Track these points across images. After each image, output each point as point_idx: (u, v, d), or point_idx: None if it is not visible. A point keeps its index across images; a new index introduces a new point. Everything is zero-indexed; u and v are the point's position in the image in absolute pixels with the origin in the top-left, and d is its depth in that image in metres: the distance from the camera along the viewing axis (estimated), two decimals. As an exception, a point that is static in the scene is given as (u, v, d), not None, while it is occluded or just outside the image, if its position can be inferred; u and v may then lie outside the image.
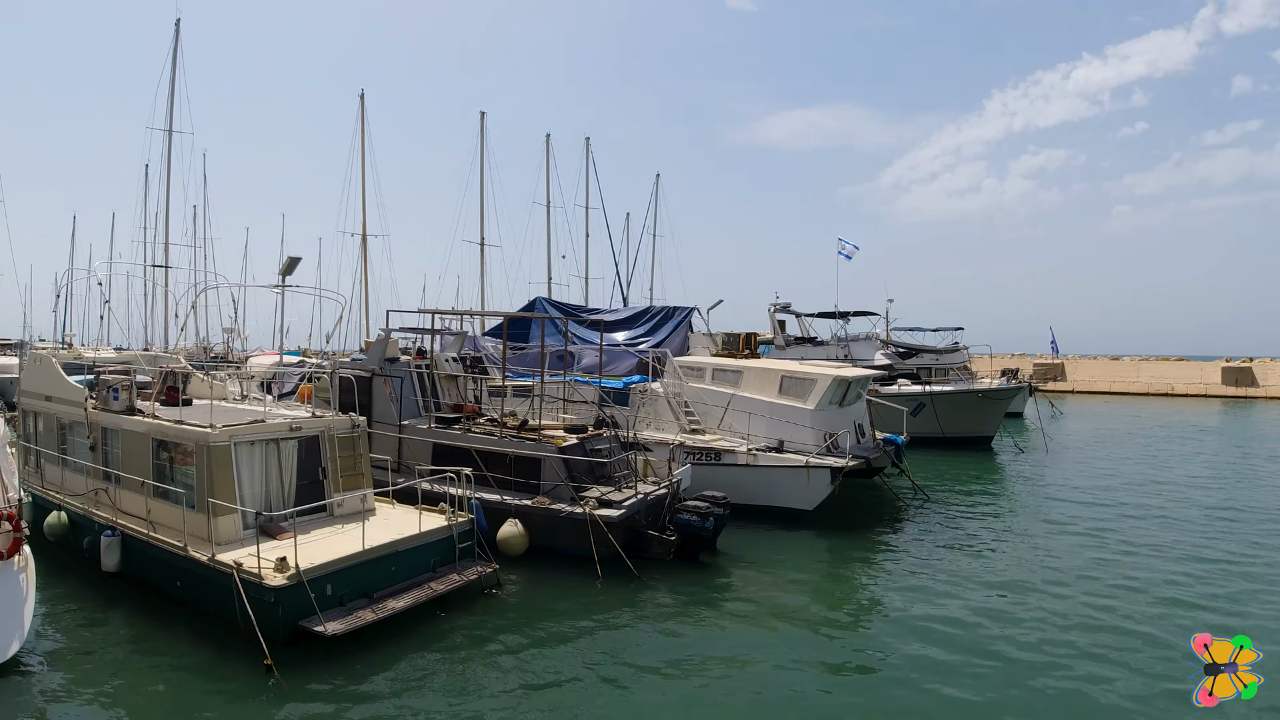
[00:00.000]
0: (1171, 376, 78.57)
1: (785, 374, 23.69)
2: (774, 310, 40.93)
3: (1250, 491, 26.96)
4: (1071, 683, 11.37)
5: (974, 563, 17.55)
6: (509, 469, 17.40)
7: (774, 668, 11.82)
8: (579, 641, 12.66)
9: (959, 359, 47.17)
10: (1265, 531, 20.91)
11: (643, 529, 16.74)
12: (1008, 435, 39.95)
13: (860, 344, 42.59)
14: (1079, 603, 14.77)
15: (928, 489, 25.61)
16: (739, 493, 20.29)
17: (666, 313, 32.10)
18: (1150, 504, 24.35)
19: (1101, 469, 31.60)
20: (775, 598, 15.19)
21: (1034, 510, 23.38)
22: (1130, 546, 19.01)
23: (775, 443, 22.01)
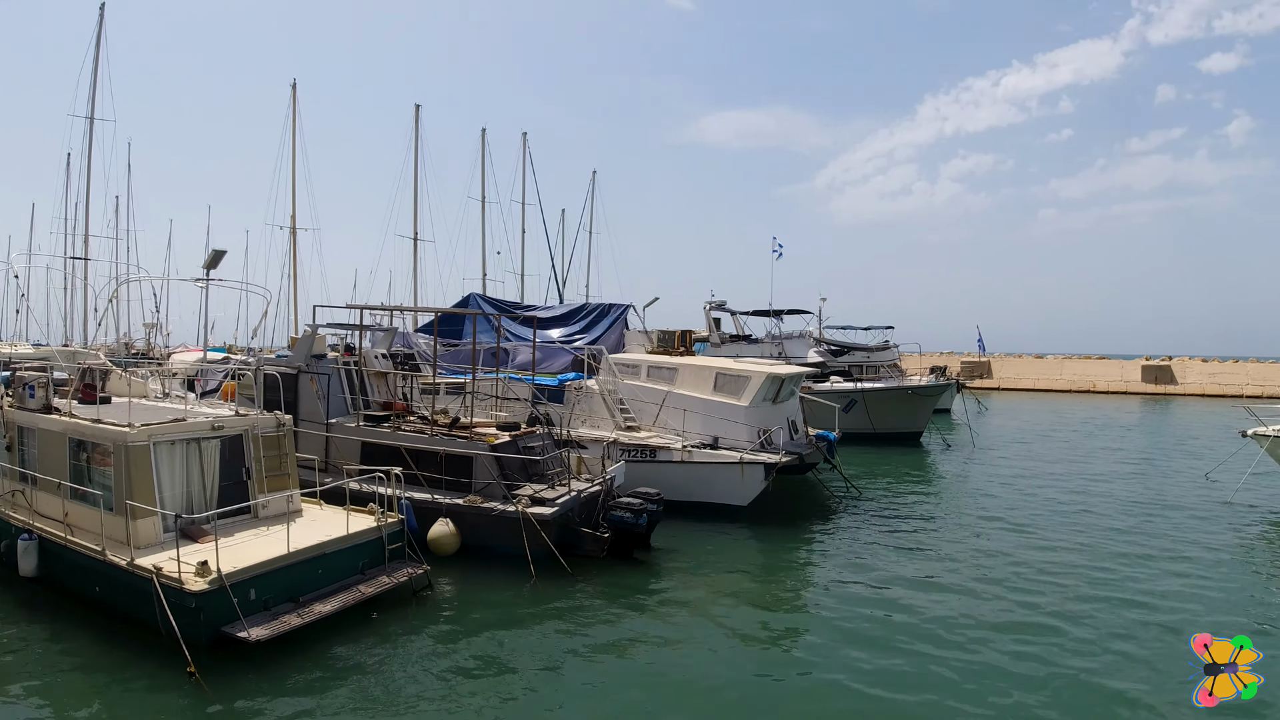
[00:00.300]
0: (1093, 374, 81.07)
1: (720, 371, 23.79)
2: (709, 308, 41.13)
3: (1168, 485, 27.92)
4: (998, 675, 11.58)
5: (904, 557, 17.83)
6: (440, 467, 17.14)
7: (708, 664, 11.83)
8: (512, 641, 12.51)
9: (889, 357, 48.05)
10: (1179, 523, 21.68)
11: (576, 526, 16.64)
12: (936, 431, 40.84)
13: (794, 342, 43.07)
14: (1006, 597, 15.08)
15: (859, 484, 25.97)
16: (674, 489, 20.32)
17: (602, 310, 31.99)
18: (1073, 498, 25.05)
19: (1026, 464, 32.42)
20: (709, 593, 15.24)
21: (961, 505, 23.87)
22: (1054, 540, 19.51)
23: (710, 439, 22.09)
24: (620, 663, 11.83)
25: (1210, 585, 16.05)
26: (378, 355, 21.85)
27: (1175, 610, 14.48)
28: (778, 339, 42.18)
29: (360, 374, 20.25)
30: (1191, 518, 22.44)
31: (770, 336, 42.61)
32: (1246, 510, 23.50)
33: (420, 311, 28.91)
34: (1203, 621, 13.79)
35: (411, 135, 48.09)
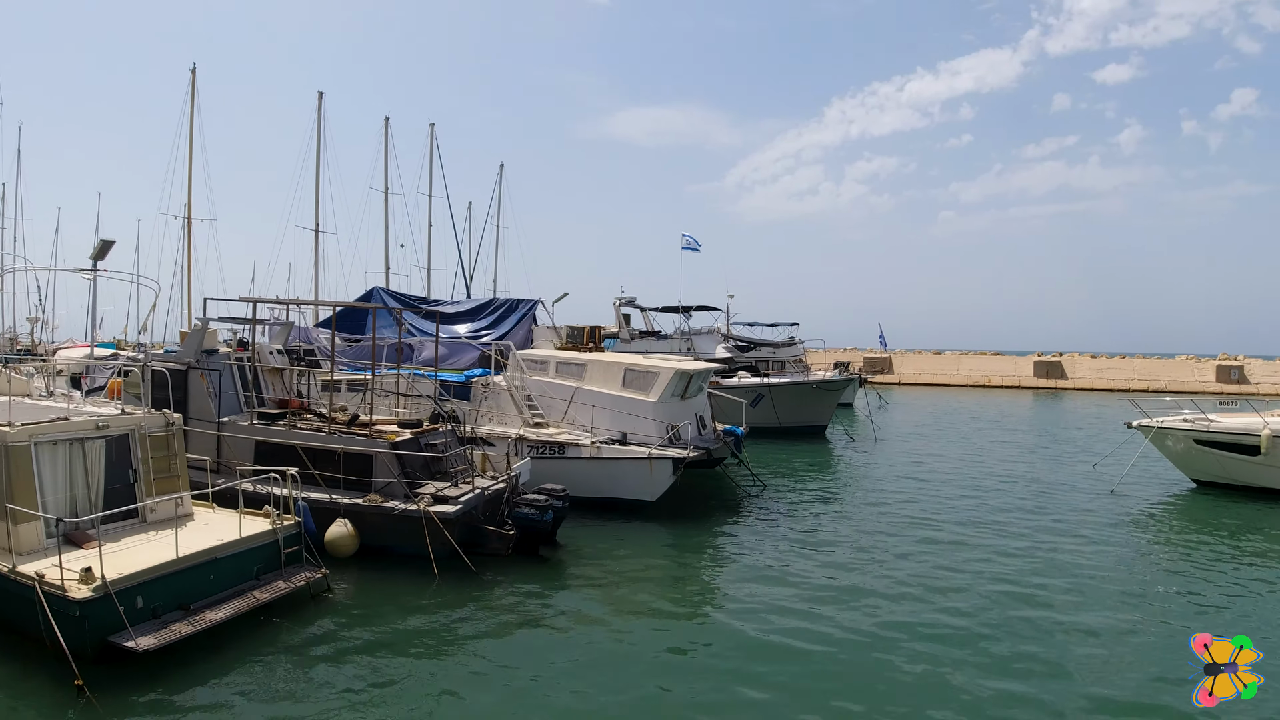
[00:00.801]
0: (989, 369, 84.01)
1: (629, 367, 23.83)
2: (619, 304, 41.20)
3: (1059, 475, 29.07)
4: (903, 666, 11.86)
5: (808, 551, 18.12)
6: (338, 467, 16.70)
7: (615, 660, 11.83)
8: (417, 644, 12.28)
9: (795, 352, 48.95)
10: (1068, 512, 22.62)
11: (480, 524, 16.43)
12: (840, 425, 41.72)
13: (702, 338, 43.49)
14: (910, 587, 15.45)
15: (766, 478, 26.35)
16: (583, 485, 20.27)
17: (510, 305, 31.72)
18: (969, 489, 25.88)
19: (925, 456, 33.37)
20: (616, 589, 15.25)
21: (864, 497, 24.43)
22: (951, 532, 20.10)
23: (619, 435, 22.10)
24: (528, 662, 11.71)
25: (1096, 572, 16.78)
26: (273, 351, 21.19)
27: (1063, 598, 15.09)
28: (687, 335, 42.52)
29: (254, 370, 19.58)
30: (1080, 507, 23.45)
31: (679, 333, 42.94)
32: (1130, 499, 24.69)
33: (320, 305, 28.11)
34: (1090, 609, 14.46)
35: (314, 123, 46.77)
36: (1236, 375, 74.38)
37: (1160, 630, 13.52)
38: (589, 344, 27.64)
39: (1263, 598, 15.43)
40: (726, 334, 47.37)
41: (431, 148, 54.09)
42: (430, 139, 54.17)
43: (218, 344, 19.91)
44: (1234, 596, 15.43)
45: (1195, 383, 71.75)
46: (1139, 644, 12.88)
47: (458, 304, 34.68)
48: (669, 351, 37.07)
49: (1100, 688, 11.14)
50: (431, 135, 54.23)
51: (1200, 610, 14.58)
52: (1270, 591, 15.82)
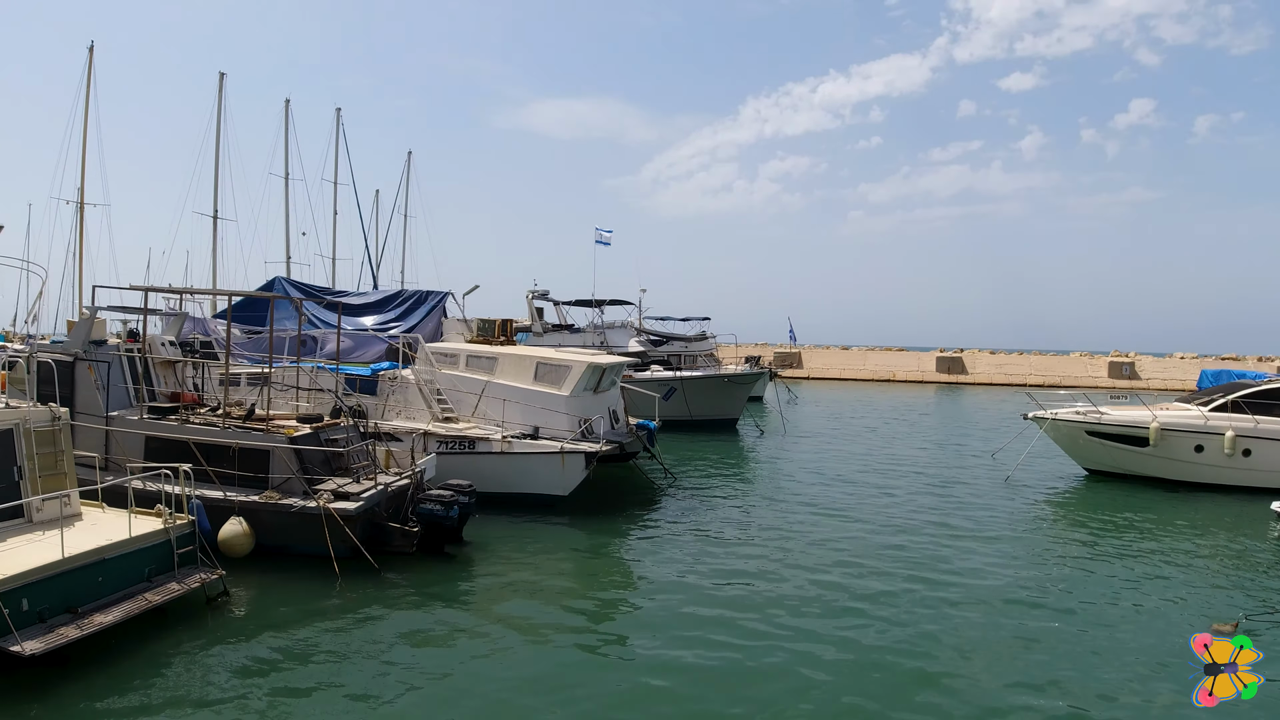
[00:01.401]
0: (894, 364, 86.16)
1: (540, 361, 23.58)
2: (531, 297, 40.88)
3: (959, 465, 29.98)
4: (814, 662, 11.97)
5: (721, 544, 18.23)
6: (233, 463, 16.06)
7: (524, 660, 11.66)
8: (318, 647, 11.88)
9: (706, 347, 49.31)
10: (967, 500, 23.30)
11: (384, 522, 16.02)
12: (751, 418, 42.21)
13: (615, 331, 43.47)
14: (819, 581, 15.59)
15: (678, 471, 26.44)
16: (494, 480, 19.98)
17: (419, 297, 31.11)
18: (875, 480, 26.44)
19: (833, 449, 33.99)
20: (525, 587, 15.06)
21: (775, 490, 24.72)
22: (859, 522, 20.48)
23: (530, 429, 21.84)
24: (434, 664, 11.47)
25: (995, 560, 17.32)
26: (165, 342, 20.30)
27: (963, 584, 15.49)
28: (600, 329, 42.43)
29: (145, 362, 18.71)
30: (979, 496, 24.29)
31: (592, 326, 42.83)
32: (1024, 487, 25.77)
33: (218, 295, 27.10)
34: (982, 594, 14.87)
35: (215, 105, 45.12)
36: (1128, 371, 77.93)
37: (1058, 618, 13.96)
38: (500, 337, 27.26)
39: (1151, 581, 16.11)
40: (639, 328, 47.45)
41: (337, 133, 52.82)
42: (336, 124, 52.93)
43: (106, 335, 18.96)
44: (1127, 580, 16.07)
45: (1089, 378, 74.88)
46: (1037, 631, 13.28)
47: (364, 295, 33.88)
48: (582, 345, 36.90)
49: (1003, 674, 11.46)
50: (337, 120, 52.99)
51: (1093, 595, 15.13)
52: (1158, 574, 16.55)
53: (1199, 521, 21.64)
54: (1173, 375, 74.67)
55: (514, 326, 30.29)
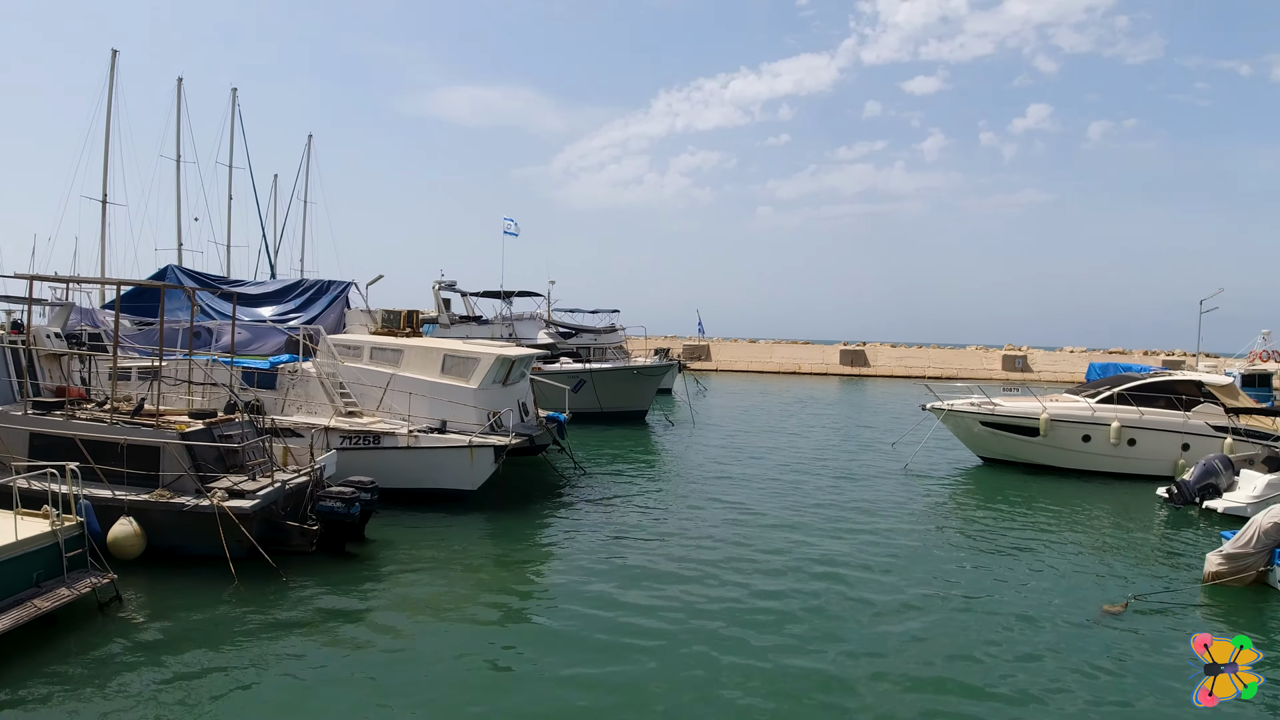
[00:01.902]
0: (799, 357, 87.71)
1: (448, 353, 23.04)
2: (438, 288, 40.10)
3: (862, 454, 30.58)
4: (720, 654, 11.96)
5: (631, 538, 18.14)
6: (122, 460, 15.24)
7: (430, 660, 11.35)
8: (216, 653, 11.33)
9: (616, 339, 49.17)
10: (869, 489, 23.80)
11: (281, 520, 15.42)
12: (660, 410, 42.32)
13: (524, 323, 42.99)
14: (726, 573, 15.68)
15: (588, 464, 26.28)
16: (400, 476, 19.51)
17: (320, 286, 30.08)
18: (782, 471, 26.77)
19: (741, 440, 34.30)
20: (430, 584, 14.71)
21: (683, 481, 24.80)
22: (766, 512, 20.68)
23: (437, 423, 21.34)
24: (335, 666, 11.06)
25: (896, 548, 17.70)
26: (51, 334, 19.16)
27: (866, 576, 15.76)
28: (508, 321, 41.90)
29: (29, 355, 17.63)
30: (881, 484, 24.95)
31: (501, 318, 42.26)
32: (922, 476, 26.62)
33: (106, 284, 25.69)
34: (885, 585, 15.14)
35: (105, 83, 42.77)
36: (1020, 364, 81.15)
37: (955, 604, 14.30)
38: (406, 329, 26.59)
39: (1045, 566, 16.65)
40: (548, 320, 47.03)
41: (233, 114, 50.59)
42: (231, 104, 50.67)
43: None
44: (1022, 564, 16.58)
45: (984, 370, 77.56)
46: (939, 620, 13.56)
47: (262, 285, 32.63)
48: (490, 337, 36.34)
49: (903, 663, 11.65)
50: (233, 100, 50.73)
51: (992, 581, 15.55)
52: (1052, 559, 17.11)
53: (1088, 508, 22.53)
54: (1063, 368, 77.94)
55: (420, 318, 29.57)
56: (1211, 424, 26.53)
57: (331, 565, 15.16)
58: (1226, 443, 25.40)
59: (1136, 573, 16.71)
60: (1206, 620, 14.29)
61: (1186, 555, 18.01)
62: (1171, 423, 26.72)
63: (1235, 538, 15.91)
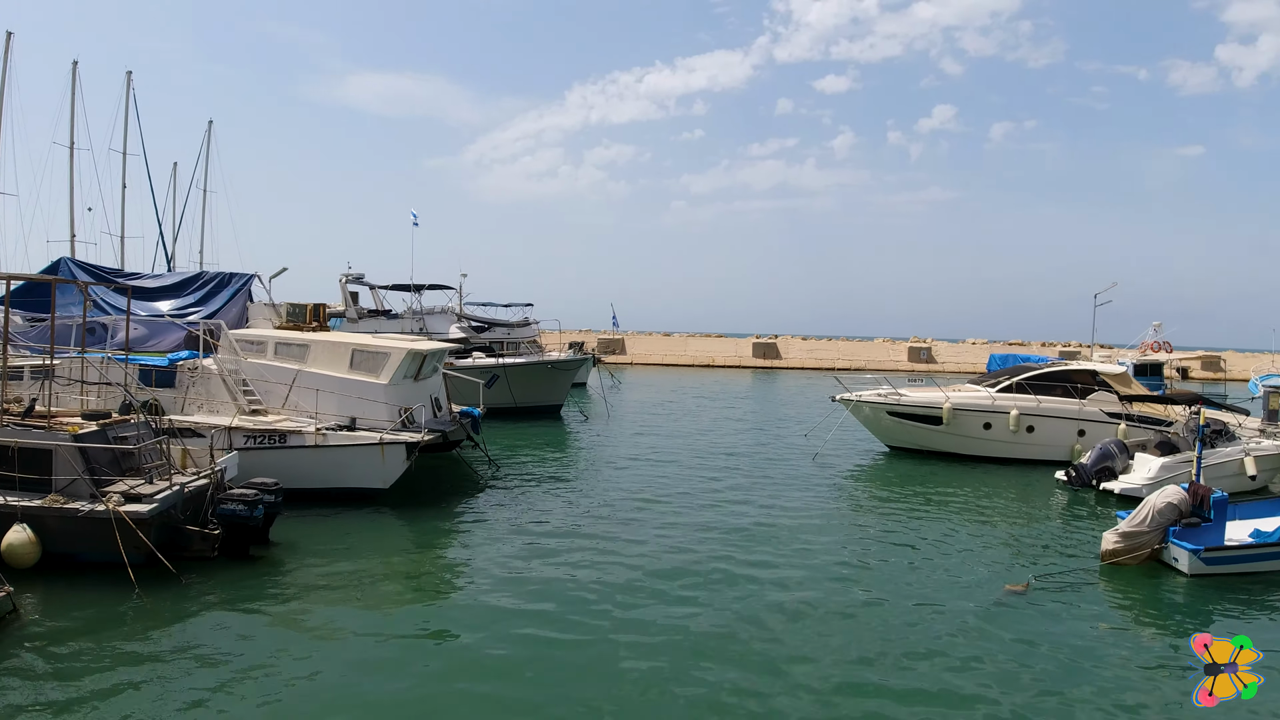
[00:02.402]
0: (713, 350, 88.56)
1: (357, 348, 22.48)
2: (345, 281, 39.20)
3: (774, 445, 31.10)
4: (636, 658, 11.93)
5: (545, 535, 17.97)
6: (12, 464, 14.44)
7: (340, 665, 11.02)
8: (119, 664, 10.80)
9: (530, 333, 48.86)
10: (782, 478, 24.17)
11: (181, 525, 14.81)
12: (574, 404, 42.19)
13: (435, 317, 42.30)
14: (640, 571, 15.59)
15: (502, 460, 26.00)
16: (308, 476, 18.97)
17: (221, 280, 29.03)
18: (695, 463, 26.97)
19: (656, 433, 34.43)
20: (340, 587, 14.27)
21: (598, 476, 24.75)
22: (680, 506, 20.78)
23: (347, 420, 20.81)
24: (240, 674, 10.64)
25: (803, 536, 17.98)
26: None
27: (780, 565, 15.96)
28: (419, 314, 41.17)
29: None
30: (792, 474, 25.37)
31: (411, 312, 41.50)
32: (832, 466, 27.18)
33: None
34: (797, 574, 15.35)
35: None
36: (925, 355, 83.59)
37: (867, 591, 14.58)
38: (312, 323, 25.88)
39: (950, 549, 17.13)
40: (460, 314, 46.38)
41: (128, 98, 48.46)
42: (126, 89, 48.54)
43: None
44: (928, 548, 17.01)
45: (891, 362, 79.54)
46: (850, 605, 13.80)
47: (159, 278, 31.27)
48: (400, 331, 35.70)
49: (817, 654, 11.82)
50: (128, 85, 48.60)
51: (900, 565, 15.91)
52: (957, 542, 17.63)
53: (991, 493, 23.29)
54: (965, 359, 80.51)
55: (326, 312, 28.87)
56: (1106, 411, 27.70)
57: (235, 570, 14.62)
58: (1120, 428, 26.53)
59: (1038, 553, 17.34)
60: (1105, 596, 14.93)
61: (1085, 535, 18.74)
62: (1068, 410, 27.82)
63: (1130, 517, 16.62)
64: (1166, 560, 16.22)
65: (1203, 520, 16.15)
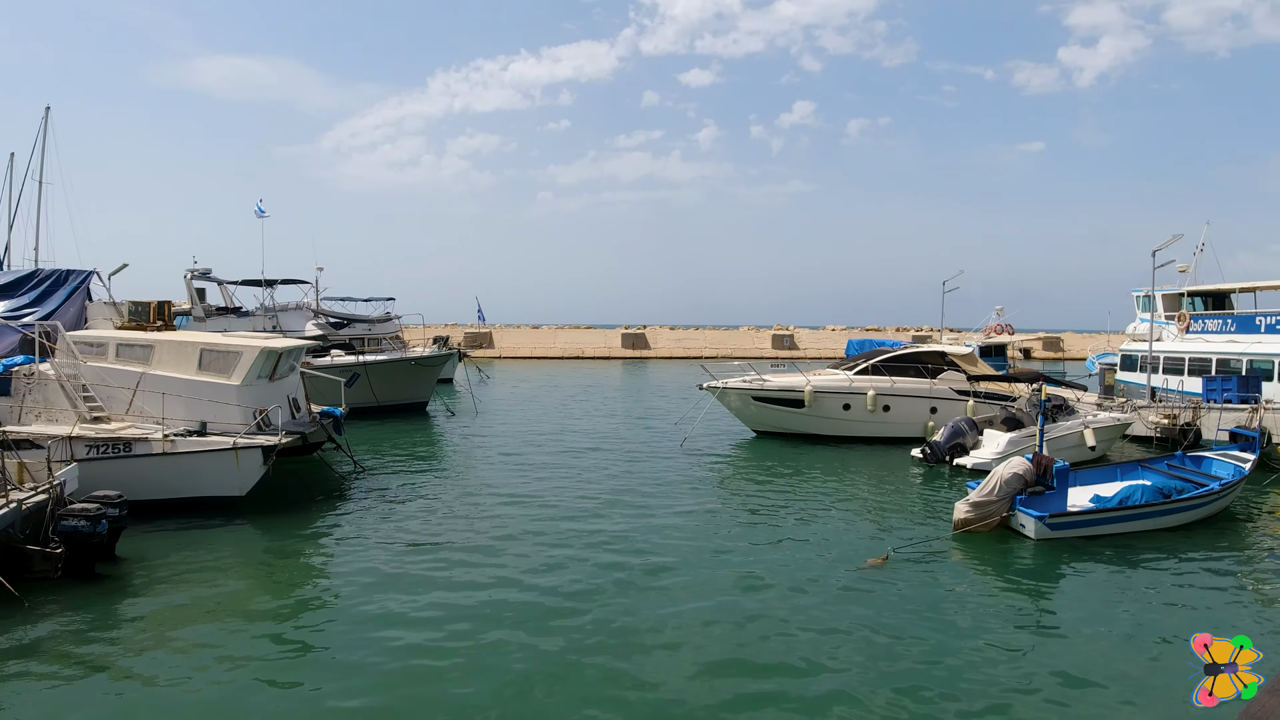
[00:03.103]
0: (583, 342, 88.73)
1: (205, 347, 21.38)
2: (191, 276, 37.29)
3: (645, 435, 31.40)
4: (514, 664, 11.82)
5: (414, 538, 17.58)
6: None
7: (196, 687, 10.47)
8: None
9: (391, 328, 47.59)
10: (653, 468, 24.46)
11: (20, 545, 13.78)
12: (441, 401, 41.46)
13: (290, 314, 40.76)
14: (515, 572, 15.42)
15: (366, 461, 25.30)
16: (157, 486, 18.02)
17: (58, 277, 27.26)
18: (566, 456, 26.97)
19: (526, 427, 34.21)
20: (193, 601, 13.54)
21: (469, 475, 24.38)
22: (552, 502, 20.71)
23: (197, 425, 19.81)
24: (88, 696, 10.00)
25: (676, 526, 18.26)
26: None
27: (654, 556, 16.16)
28: (271, 311, 39.56)
29: None
30: (663, 463, 25.70)
31: (263, 308, 39.84)
32: (699, 452, 27.71)
33: None
34: (671, 564, 15.57)
35: None
36: (788, 342, 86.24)
37: (735, 573, 14.91)
38: (157, 322, 24.51)
39: (815, 527, 17.71)
40: (317, 309, 44.76)
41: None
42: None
43: None
44: (794, 526, 17.53)
45: (756, 349, 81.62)
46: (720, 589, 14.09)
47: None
48: (252, 329, 34.25)
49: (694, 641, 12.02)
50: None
51: (762, 545, 16.36)
52: (820, 519, 18.24)
53: (852, 471, 24.26)
54: (826, 345, 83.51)
55: (172, 310, 27.40)
56: (955, 389, 29.32)
57: (81, 591, 13.68)
58: (969, 405, 28.10)
59: (897, 526, 18.13)
60: (959, 562, 15.75)
61: (939, 507, 19.71)
62: (920, 390, 29.27)
63: (979, 488, 17.61)
64: (1014, 527, 17.26)
65: (1046, 489, 17.23)
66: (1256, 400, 27.05)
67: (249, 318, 37.85)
